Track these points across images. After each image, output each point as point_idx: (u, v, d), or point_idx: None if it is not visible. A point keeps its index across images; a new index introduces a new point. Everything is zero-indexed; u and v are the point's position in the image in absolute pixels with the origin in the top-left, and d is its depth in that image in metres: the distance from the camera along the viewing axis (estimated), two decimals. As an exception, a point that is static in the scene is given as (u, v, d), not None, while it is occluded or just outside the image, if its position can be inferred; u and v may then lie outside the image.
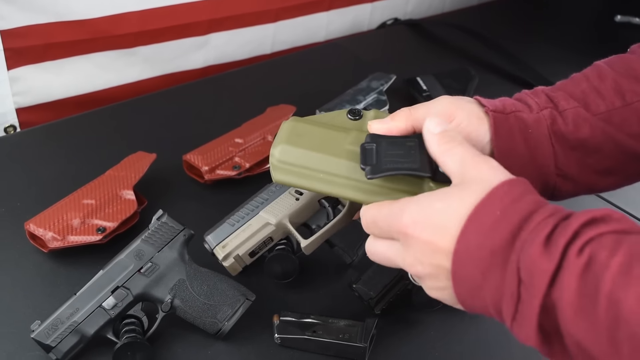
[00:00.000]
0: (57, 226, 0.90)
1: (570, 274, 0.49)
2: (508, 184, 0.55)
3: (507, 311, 0.52)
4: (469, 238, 0.54)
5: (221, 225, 0.85)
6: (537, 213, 0.53)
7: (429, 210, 0.56)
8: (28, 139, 1.19)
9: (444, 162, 0.59)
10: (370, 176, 0.60)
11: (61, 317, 0.77)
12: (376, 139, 0.63)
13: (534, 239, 0.51)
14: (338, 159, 0.65)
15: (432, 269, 0.56)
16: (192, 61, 1.44)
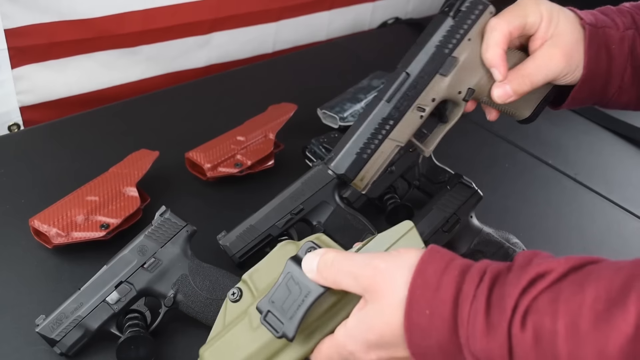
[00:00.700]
0: (61, 222, 0.91)
1: (523, 350, 0.50)
2: (419, 277, 0.55)
3: None
4: (417, 344, 0.55)
5: (353, 156, 0.83)
6: (461, 300, 0.53)
7: (369, 342, 0.58)
8: (32, 137, 1.20)
9: (343, 288, 0.59)
10: (291, 336, 0.59)
11: (65, 311, 0.78)
12: (265, 305, 0.61)
13: (475, 333, 0.52)
14: (259, 345, 0.63)
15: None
16: (195, 60, 1.45)
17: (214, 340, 0.67)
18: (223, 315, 0.67)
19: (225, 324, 0.67)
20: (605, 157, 1.25)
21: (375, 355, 0.58)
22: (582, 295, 0.49)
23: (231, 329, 0.66)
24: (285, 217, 0.91)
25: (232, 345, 0.65)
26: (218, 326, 0.67)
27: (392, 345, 0.57)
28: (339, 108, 1.18)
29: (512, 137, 1.26)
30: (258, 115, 1.14)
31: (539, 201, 1.11)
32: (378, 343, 0.57)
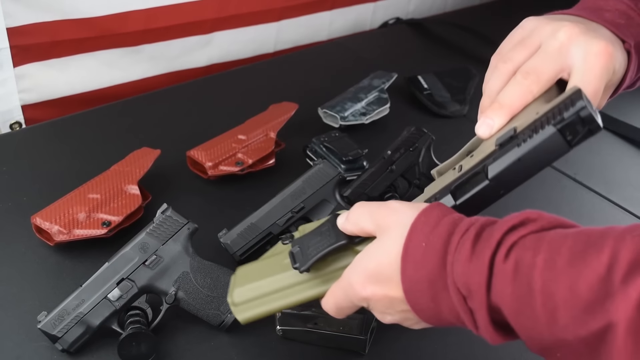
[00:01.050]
0: (63, 220, 0.91)
1: (502, 280, 0.53)
2: (424, 215, 0.59)
3: (468, 324, 0.57)
4: (409, 276, 0.58)
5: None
6: (454, 233, 0.57)
7: (366, 271, 0.62)
8: (34, 135, 1.20)
9: (362, 229, 0.65)
10: (302, 269, 0.67)
11: (67, 308, 0.79)
12: (298, 242, 0.70)
13: (459, 259, 0.55)
14: (279, 275, 0.71)
15: (398, 315, 0.63)
16: (196, 59, 1.45)
17: (249, 264, 0.76)
18: (270, 251, 0.76)
19: (268, 255, 0.75)
20: (605, 157, 1.25)
21: (371, 291, 0.62)
22: (564, 240, 0.52)
23: (265, 259, 0.75)
24: (286, 215, 0.91)
25: (260, 269, 0.73)
26: (261, 257, 0.76)
27: (387, 279, 0.60)
28: (340, 107, 1.19)
29: (512, 137, 1.26)
30: (259, 114, 1.14)
31: (538, 200, 1.11)
32: (374, 274, 0.61)
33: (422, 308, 0.59)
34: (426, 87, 1.31)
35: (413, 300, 0.59)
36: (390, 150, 1.01)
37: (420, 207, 0.61)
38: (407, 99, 1.31)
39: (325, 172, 0.94)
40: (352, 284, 0.63)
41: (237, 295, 0.72)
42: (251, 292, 0.72)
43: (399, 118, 1.22)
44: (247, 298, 0.72)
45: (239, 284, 0.73)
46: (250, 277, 0.73)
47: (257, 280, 0.72)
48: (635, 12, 0.73)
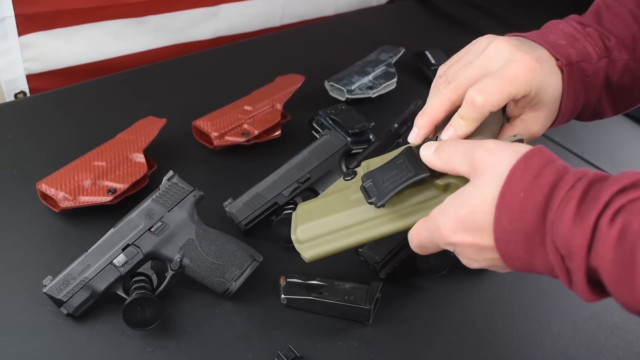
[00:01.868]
0: (69, 186, 0.91)
1: (605, 245, 0.50)
2: (523, 161, 0.56)
3: (562, 280, 0.55)
4: (503, 226, 0.56)
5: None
6: (558, 187, 0.53)
7: (458, 217, 0.59)
8: (39, 103, 1.20)
9: (452, 169, 0.61)
10: (380, 203, 0.64)
11: (73, 273, 0.79)
12: (370, 175, 0.66)
13: (562, 217, 0.52)
14: (349, 211, 0.68)
15: (486, 262, 0.60)
16: (202, 32, 1.44)
17: (311, 200, 0.73)
18: (332, 187, 0.73)
19: (328, 192, 0.72)
20: (612, 136, 1.24)
21: (460, 238, 0.59)
22: None
23: (329, 195, 0.71)
24: (292, 185, 0.91)
25: (324, 206, 0.70)
26: (323, 193, 0.73)
27: (479, 227, 0.58)
28: (347, 81, 1.18)
29: (519, 114, 1.25)
30: (265, 85, 1.14)
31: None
32: (466, 221, 0.58)
33: (513, 258, 0.57)
34: (433, 62, 1.30)
35: (504, 251, 0.57)
36: (397, 123, 1.00)
37: (520, 151, 0.56)
38: (414, 74, 1.30)
39: (331, 143, 0.94)
40: (440, 227, 0.60)
41: (301, 233, 0.69)
42: (318, 229, 0.69)
43: (405, 93, 1.22)
44: (314, 235, 0.69)
45: (303, 221, 0.70)
46: (314, 214, 0.70)
47: (324, 216, 0.69)
48: (581, 34, 0.72)
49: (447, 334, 0.83)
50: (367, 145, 1.03)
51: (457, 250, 0.61)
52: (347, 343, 0.80)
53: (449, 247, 0.62)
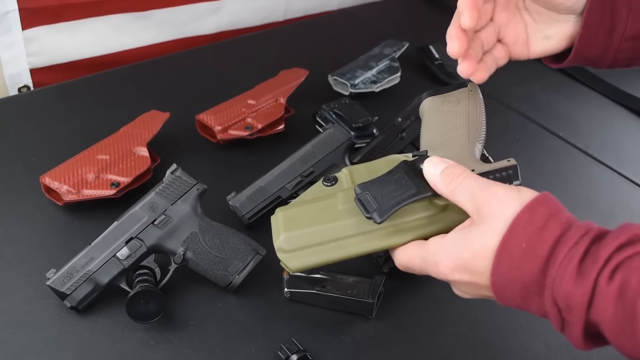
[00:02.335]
0: (72, 180, 0.91)
1: (604, 301, 0.51)
2: (528, 211, 0.56)
3: (555, 325, 0.56)
4: (501, 273, 0.56)
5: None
6: (561, 244, 0.54)
7: (460, 260, 0.60)
8: (42, 97, 1.20)
9: (456, 201, 0.62)
10: (380, 220, 0.63)
11: (76, 265, 0.79)
12: (365, 187, 0.65)
13: (564, 275, 0.53)
14: (339, 222, 0.66)
15: (479, 297, 0.62)
16: (206, 26, 1.44)
17: (292, 206, 0.70)
18: (310, 192, 0.70)
19: (309, 198, 0.70)
20: (617, 131, 1.24)
21: (459, 277, 0.60)
22: None
23: (313, 203, 0.69)
24: (295, 179, 0.91)
25: (310, 214, 0.68)
26: (300, 199, 0.71)
27: (478, 270, 0.59)
28: (350, 75, 1.18)
29: (523, 109, 1.25)
30: (269, 79, 1.14)
31: (548, 172, 1.11)
32: (467, 264, 0.59)
33: (507, 300, 0.58)
34: (437, 57, 1.30)
35: (499, 293, 0.58)
36: (400, 117, 1.00)
37: (525, 199, 0.57)
38: (418, 69, 1.30)
39: (335, 137, 0.94)
40: (439, 264, 0.61)
41: (285, 242, 0.67)
42: (304, 239, 0.67)
43: (409, 87, 1.21)
44: (300, 245, 0.67)
45: (286, 228, 0.68)
46: (300, 222, 0.68)
47: (311, 226, 0.67)
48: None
49: (450, 328, 0.82)
50: (370, 139, 1.03)
51: (453, 284, 0.63)
52: (350, 337, 0.80)
53: (442, 279, 0.63)
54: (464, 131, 0.74)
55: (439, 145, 0.73)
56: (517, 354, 0.80)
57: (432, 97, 0.81)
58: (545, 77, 1.33)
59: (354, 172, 0.70)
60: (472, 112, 0.77)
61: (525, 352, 0.80)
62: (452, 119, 0.76)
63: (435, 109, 0.79)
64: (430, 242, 0.63)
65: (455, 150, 0.72)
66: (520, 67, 1.33)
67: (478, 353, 0.80)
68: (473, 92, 0.79)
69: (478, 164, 0.70)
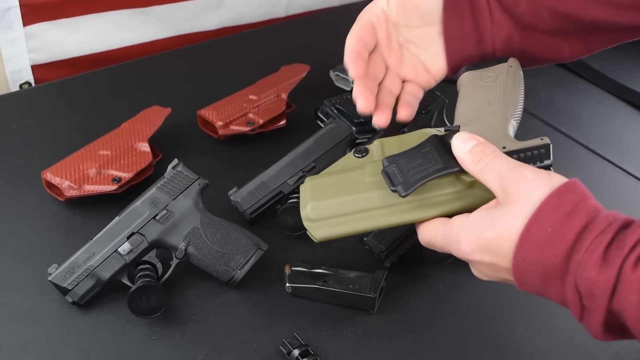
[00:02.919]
0: (74, 175, 0.91)
1: (629, 289, 0.50)
2: (556, 196, 0.55)
3: (574, 313, 0.55)
4: (524, 255, 0.56)
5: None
6: (588, 230, 0.53)
7: (482, 239, 0.59)
8: (44, 93, 1.20)
9: (483, 180, 0.61)
10: (405, 193, 0.63)
11: (78, 261, 0.79)
12: (393, 160, 0.65)
13: (588, 261, 0.52)
14: (366, 194, 0.67)
15: (498, 279, 0.62)
16: (207, 22, 1.43)
17: (321, 175, 0.70)
18: (340, 163, 0.71)
19: (338, 169, 0.70)
20: (619, 127, 1.23)
21: (479, 257, 0.60)
22: None
23: (342, 174, 0.69)
24: (297, 174, 0.91)
25: (337, 185, 0.68)
26: (330, 169, 0.71)
27: (500, 252, 0.58)
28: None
29: (525, 104, 1.22)
30: (270, 75, 1.14)
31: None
32: (489, 244, 0.58)
33: (527, 284, 0.57)
34: (439, 52, 1.29)
35: (520, 276, 0.57)
36: (402, 112, 1.00)
37: (554, 184, 0.56)
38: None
39: (337, 132, 0.93)
40: (461, 242, 0.61)
41: (312, 210, 0.67)
42: (331, 208, 0.67)
43: None
44: (326, 214, 0.67)
45: (314, 198, 0.68)
46: (326, 192, 0.68)
47: (337, 196, 0.67)
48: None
49: (452, 323, 0.82)
50: (372, 134, 1.03)
51: (473, 264, 0.62)
52: (352, 331, 0.80)
53: (462, 258, 0.62)
54: (499, 107, 0.73)
55: (473, 120, 0.72)
56: (519, 348, 0.80)
57: (470, 71, 0.80)
58: (547, 72, 1.33)
59: (384, 144, 0.70)
60: (510, 88, 0.75)
61: (527, 347, 0.80)
62: (488, 94, 0.75)
63: (473, 83, 0.78)
64: (455, 220, 0.63)
65: (488, 126, 0.71)
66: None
67: (480, 348, 0.80)
68: (513, 68, 0.78)
69: (510, 141, 0.69)
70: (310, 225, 0.68)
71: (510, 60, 0.79)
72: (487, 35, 0.78)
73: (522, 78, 0.78)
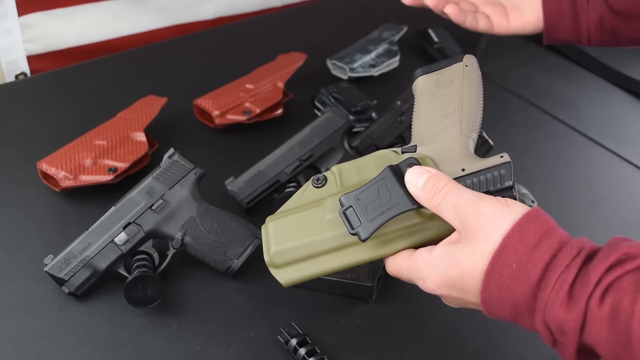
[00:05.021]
0: (70, 166, 0.91)
1: (597, 325, 0.50)
2: (519, 229, 0.55)
3: (548, 343, 0.55)
4: (491, 292, 0.55)
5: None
6: (553, 267, 0.53)
7: (446, 278, 0.59)
8: (40, 83, 1.19)
9: (442, 216, 0.60)
10: (364, 237, 0.61)
11: (74, 251, 0.79)
12: (350, 200, 0.63)
13: (555, 301, 0.52)
14: (328, 234, 0.65)
15: (469, 307, 0.61)
16: (203, 12, 1.43)
17: (282, 215, 0.68)
18: (300, 195, 0.69)
19: (299, 204, 0.69)
20: (617, 114, 1.23)
21: (446, 292, 0.60)
22: None
23: (302, 212, 0.67)
24: (294, 163, 0.91)
25: (298, 225, 0.67)
26: (291, 204, 0.69)
27: (466, 289, 0.58)
28: (349, 59, 1.17)
29: (523, 92, 1.24)
30: (267, 64, 1.13)
31: (548, 155, 1.11)
32: (454, 282, 0.58)
33: (497, 315, 0.57)
34: (437, 40, 1.29)
35: (490, 310, 0.57)
36: (399, 100, 1.00)
37: (515, 216, 0.56)
38: (417, 53, 1.29)
39: (333, 120, 0.93)
40: (426, 279, 0.60)
41: (276, 256, 0.67)
42: (293, 252, 0.66)
43: (408, 71, 1.18)
44: (290, 259, 0.66)
45: (277, 242, 0.67)
46: (289, 235, 0.67)
47: (299, 238, 0.66)
48: None
49: (450, 311, 0.81)
50: (369, 123, 1.03)
51: (441, 297, 0.62)
52: (350, 320, 0.80)
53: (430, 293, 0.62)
54: (456, 120, 0.69)
55: (429, 138, 0.69)
56: (518, 337, 0.80)
57: (424, 75, 0.75)
58: (545, 60, 1.32)
59: (342, 171, 0.69)
60: (467, 94, 0.71)
61: (526, 336, 0.80)
62: (444, 105, 0.71)
63: (427, 91, 0.74)
64: (418, 255, 0.62)
65: (446, 145, 0.68)
66: (520, 50, 1.34)
67: (478, 336, 0.80)
68: (469, 68, 0.74)
69: (470, 159, 0.66)
70: (276, 272, 0.67)
71: (466, 59, 0.74)
72: (583, 16, 0.85)
73: (480, 77, 0.74)
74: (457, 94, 0.71)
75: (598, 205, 1.01)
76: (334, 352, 0.76)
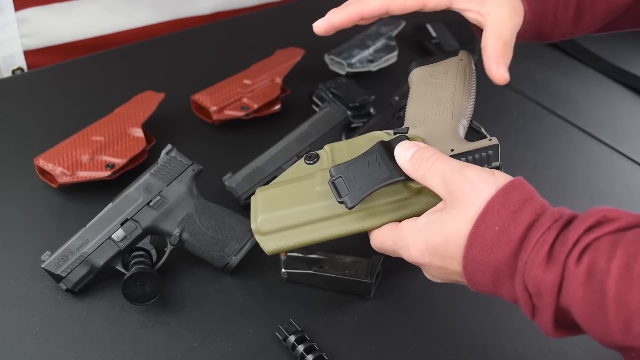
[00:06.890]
0: (67, 161, 0.90)
1: (574, 284, 0.51)
2: (503, 194, 0.56)
3: (525, 311, 0.55)
4: (474, 255, 0.56)
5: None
6: (534, 228, 0.54)
7: (430, 244, 0.59)
8: (37, 79, 1.18)
9: (428, 185, 0.61)
10: (351, 205, 0.62)
11: (71, 248, 0.79)
12: (340, 170, 0.64)
13: (535, 260, 0.53)
14: (315, 204, 0.66)
15: (450, 281, 0.63)
16: (201, 7, 1.42)
17: (272, 186, 0.69)
18: (291, 171, 0.70)
19: (289, 178, 0.70)
20: (615, 110, 1.23)
21: (429, 260, 0.60)
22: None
23: (292, 183, 0.68)
24: (292, 159, 0.90)
25: (287, 196, 0.68)
26: (282, 177, 0.70)
27: (449, 255, 0.58)
28: (347, 54, 1.17)
29: (521, 87, 1.24)
30: (265, 59, 1.13)
31: (547, 150, 1.10)
32: (438, 249, 0.59)
33: (478, 284, 0.58)
34: (435, 35, 1.28)
35: (471, 277, 0.57)
36: (397, 96, 0.99)
37: (499, 182, 0.57)
38: (415, 48, 1.28)
39: (332, 116, 0.93)
40: (410, 247, 0.61)
41: (262, 223, 0.67)
42: (280, 221, 0.67)
43: (406, 66, 1.18)
44: (276, 227, 0.67)
45: (264, 210, 0.68)
46: (276, 204, 0.68)
47: (286, 207, 0.67)
48: None
49: (449, 307, 0.82)
50: (367, 118, 1.02)
51: (424, 267, 0.63)
52: (348, 317, 0.80)
53: (413, 263, 0.63)
54: (449, 106, 0.72)
55: (421, 121, 0.71)
56: (516, 332, 0.80)
57: (420, 67, 0.79)
58: (543, 55, 1.32)
59: (334, 149, 0.70)
60: (460, 84, 0.74)
61: (524, 331, 0.80)
62: (437, 93, 0.74)
63: (422, 80, 0.77)
64: (403, 224, 0.63)
65: (437, 128, 0.70)
66: (518, 45, 1.33)
67: (477, 332, 0.80)
68: (463, 62, 0.77)
69: (459, 142, 0.68)
70: (261, 239, 0.68)
71: (461, 54, 0.78)
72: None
73: (474, 72, 0.77)
74: (451, 83, 0.74)
75: (597, 200, 1.01)
76: (332, 349, 0.76)
